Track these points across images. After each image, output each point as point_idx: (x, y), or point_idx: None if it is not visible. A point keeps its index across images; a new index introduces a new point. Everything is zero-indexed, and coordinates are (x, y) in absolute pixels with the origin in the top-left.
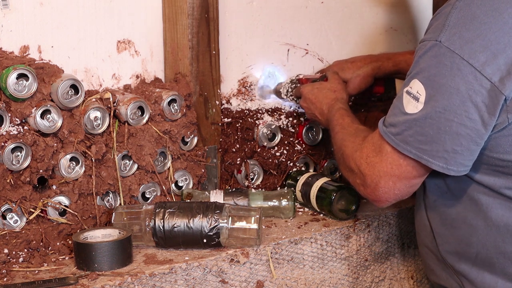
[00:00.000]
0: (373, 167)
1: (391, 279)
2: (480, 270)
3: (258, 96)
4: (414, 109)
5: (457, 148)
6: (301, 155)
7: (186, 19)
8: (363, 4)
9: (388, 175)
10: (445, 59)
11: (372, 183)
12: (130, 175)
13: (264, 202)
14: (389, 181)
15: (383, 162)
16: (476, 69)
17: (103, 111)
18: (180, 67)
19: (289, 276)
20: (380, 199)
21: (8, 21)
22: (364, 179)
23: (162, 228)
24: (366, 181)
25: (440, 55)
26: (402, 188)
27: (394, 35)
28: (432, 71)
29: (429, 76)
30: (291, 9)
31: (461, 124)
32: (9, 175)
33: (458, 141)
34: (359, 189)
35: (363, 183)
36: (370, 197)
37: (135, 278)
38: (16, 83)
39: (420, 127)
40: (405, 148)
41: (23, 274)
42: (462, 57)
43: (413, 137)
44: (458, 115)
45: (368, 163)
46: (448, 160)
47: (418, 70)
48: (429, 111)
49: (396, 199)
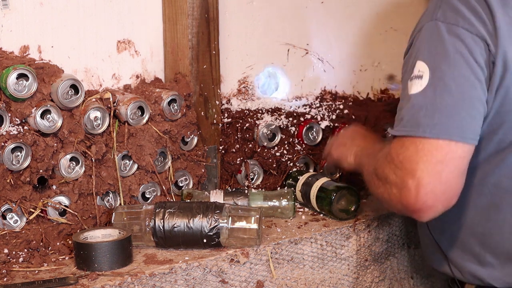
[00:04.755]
0: (409, 163)
1: (391, 279)
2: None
3: None
4: (418, 88)
5: (473, 113)
6: (301, 155)
7: (186, 19)
8: (363, 4)
9: (431, 166)
10: (443, 31)
11: (414, 182)
12: (130, 175)
13: (264, 202)
14: (434, 170)
15: (418, 154)
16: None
17: (103, 111)
18: (180, 67)
19: (289, 276)
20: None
21: (8, 21)
22: (403, 182)
23: (162, 228)
24: (405, 184)
25: (437, 30)
26: (450, 178)
27: (394, 35)
28: (433, 46)
29: (430, 51)
30: (291, 9)
31: (473, 87)
32: (9, 175)
33: (472, 104)
34: (395, 200)
35: (401, 188)
36: (412, 203)
37: (135, 278)
38: (16, 83)
39: (431, 103)
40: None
41: (23, 274)
42: (458, 26)
43: (425, 117)
44: (468, 78)
45: (403, 161)
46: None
47: (417, 53)
48: (438, 83)
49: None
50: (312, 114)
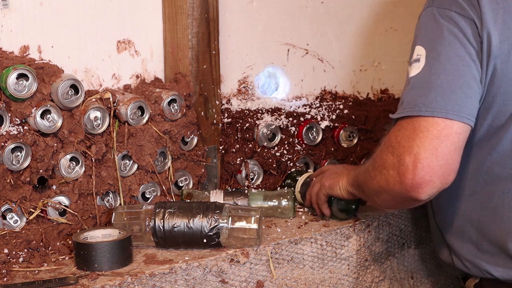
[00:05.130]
0: (407, 141)
1: (391, 279)
2: (455, 238)
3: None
4: (416, 70)
5: (467, 92)
6: (301, 155)
7: (186, 19)
8: (363, 4)
9: (427, 142)
10: (437, 16)
11: (411, 158)
12: (130, 175)
13: (264, 202)
14: (430, 146)
15: (417, 132)
16: (459, 14)
17: (103, 111)
18: (180, 67)
19: (289, 276)
20: (421, 178)
21: (8, 21)
22: (400, 160)
23: (162, 228)
24: (403, 161)
25: (432, 15)
26: (446, 153)
27: (394, 35)
28: (428, 30)
29: (426, 35)
30: (291, 9)
31: (467, 66)
32: (9, 175)
33: (467, 83)
34: (393, 182)
35: (399, 166)
36: (408, 181)
37: (135, 278)
38: (16, 83)
39: (428, 82)
40: (434, 111)
41: (23, 274)
42: (451, 10)
43: (425, 97)
44: (462, 57)
45: (400, 141)
46: (461, 106)
47: (416, 38)
48: (434, 64)
49: (441, 175)
50: (312, 114)
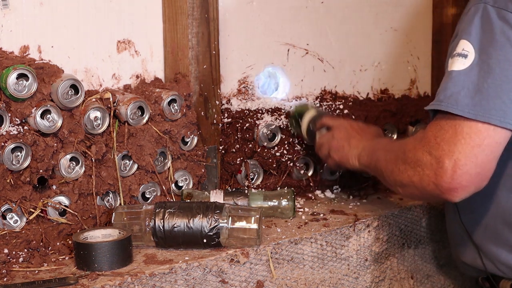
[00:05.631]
0: (448, 144)
1: (391, 279)
2: (488, 241)
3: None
4: (461, 66)
5: None
6: (301, 155)
7: (186, 19)
8: (363, 4)
9: (469, 147)
10: (492, 15)
11: (450, 163)
12: (130, 175)
13: (264, 202)
14: (471, 154)
15: (458, 136)
16: None
17: (103, 111)
18: (180, 67)
19: (289, 276)
20: (459, 183)
21: (8, 21)
22: (439, 162)
23: (162, 228)
24: (442, 165)
25: (486, 13)
26: (485, 161)
27: (394, 35)
28: (480, 28)
29: (477, 33)
30: (291, 9)
31: None
32: (9, 175)
33: None
34: (428, 182)
35: (437, 169)
36: (446, 184)
37: (135, 278)
38: (16, 83)
39: (473, 83)
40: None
41: (23, 274)
42: (508, 10)
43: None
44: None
45: (440, 142)
46: (506, 112)
47: (463, 32)
48: (482, 66)
49: (477, 181)
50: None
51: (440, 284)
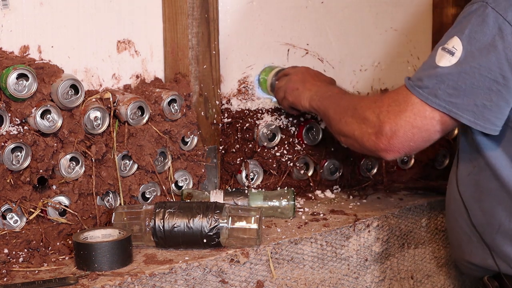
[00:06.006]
0: (395, 115)
1: (391, 279)
2: (502, 241)
3: None
4: (447, 63)
5: (486, 103)
6: (301, 155)
7: (186, 19)
8: (363, 4)
9: (410, 125)
10: (489, 19)
11: (390, 131)
12: (130, 175)
13: (264, 202)
14: (409, 131)
15: (407, 112)
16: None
17: (103, 111)
18: (180, 67)
19: (289, 276)
20: (393, 148)
21: (8, 21)
22: (381, 126)
23: (162, 228)
24: (383, 129)
25: (484, 15)
26: (419, 141)
27: (394, 35)
28: (474, 29)
29: (469, 34)
30: (291, 9)
31: (494, 81)
32: (9, 175)
33: (489, 96)
34: (368, 138)
35: (378, 131)
36: (382, 145)
37: (135, 278)
38: (16, 83)
39: (453, 81)
40: (434, 102)
41: (23, 274)
42: (505, 19)
43: (443, 91)
44: (492, 71)
45: (390, 111)
46: (477, 114)
47: (459, 28)
48: (465, 67)
49: (408, 151)
50: (312, 114)
51: (440, 284)
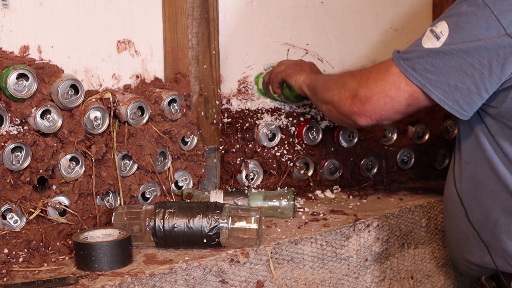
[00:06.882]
0: (373, 82)
1: (391, 279)
2: (499, 237)
3: None
4: (430, 45)
5: (459, 85)
6: (301, 155)
7: (186, 19)
8: (363, 4)
9: (384, 94)
10: (478, 10)
11: (365, 96)
12: (130, 175)
13: (264, 202)
14: (382, 99)
15: (384, 81)
16: (502, 25)
17: (103, 111)
18: (180, 67)
19: (289, 276)
20: (365, 113)
21: (8, 21)
22: (357, 90)
23: (162, 228)
24: (358, 93)
25: (474, 5)
26: (390, 111)
27: (394, 35)
28: (462, 18)
29: (457, 21)
30: (291, 9)
31: (471, 65)
32: (9, 175)
33: (462, 78)
34: (344, 102)
35: (354, 95)
36: (356, 109)
37: (135, 278)
38: (16, 83)
39: (432, 58)
40: (411, 74)
41: (23, 274)
42: (493, 12)
43: (421, 66)
44: (470, 55)
45: (369, 77)
46: (448, 93)
47: (449, 14)
48: (445, 48)
49: (377, 119)
50: (312, 114)
51: (440, 284)
